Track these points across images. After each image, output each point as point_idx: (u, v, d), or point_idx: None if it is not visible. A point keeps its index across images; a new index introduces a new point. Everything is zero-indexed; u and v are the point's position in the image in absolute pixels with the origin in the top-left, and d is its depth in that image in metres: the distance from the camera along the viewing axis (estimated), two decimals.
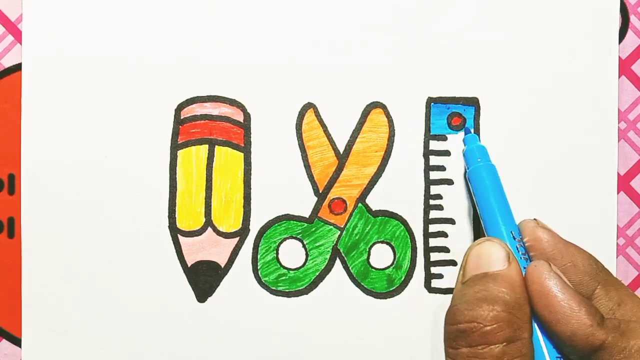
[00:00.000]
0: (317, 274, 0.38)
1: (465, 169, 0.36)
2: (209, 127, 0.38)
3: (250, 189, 0.38)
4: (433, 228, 0.38)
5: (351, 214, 0.38)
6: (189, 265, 0.37)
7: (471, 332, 0.29)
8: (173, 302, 0.37)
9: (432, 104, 0.38)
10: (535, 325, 0.30)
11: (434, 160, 0.38)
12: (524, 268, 0.31)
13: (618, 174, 0.38)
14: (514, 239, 0.33)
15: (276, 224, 0.38)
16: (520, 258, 0.32)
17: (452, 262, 0.38)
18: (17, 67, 0.38)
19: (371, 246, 0.38)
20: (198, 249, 0.38)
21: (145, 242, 0.37)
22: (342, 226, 0.38)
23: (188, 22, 0.37)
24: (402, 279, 0.38)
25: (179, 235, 0.37)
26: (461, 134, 0.38)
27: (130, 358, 0.37)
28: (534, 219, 0.34)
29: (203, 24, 0.37)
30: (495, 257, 0.31)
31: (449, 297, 0.37)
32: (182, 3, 0.37)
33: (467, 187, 0.37)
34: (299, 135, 0.38)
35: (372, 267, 0.38)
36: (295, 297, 0.38)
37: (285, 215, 0.38)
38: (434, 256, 0.38)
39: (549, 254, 0.32)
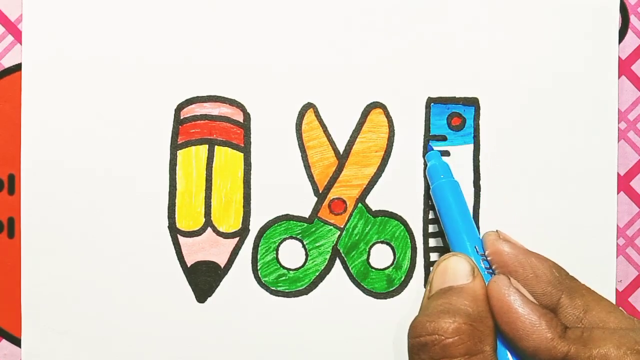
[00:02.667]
0: (317, 274, 0.38)
1: (429, 187, 0.36)
2: (208, 127, 0.38)
3: (250, 189, 0.38)
4: (433, 228, 0.38)
5: (351, 214, 0.38)
6: (189, 265, 0.37)
7: (432, 344, 0.29)
8: (173, 302, 0.37)
9: (432, 104, 0.38)
10: (500, 341, 0.30)
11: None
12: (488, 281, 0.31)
13: (618, 174, 0.38)
14: (478, 253, 0.33)
15: (276, 224, 0.38)
16: (485, 272, 0.32)
17: None
18: (17, 67, 0.38)
19: (371, 246, 0.38)
20: (198, 249, 0.38)
21: (145, 242, 0.37)
22: (342, 226, 0.38)
23: (188, 22, 0.37)
24: (402, 279, 0.38)
25: (178, 236, 0.37)
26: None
27: (130, 358, 0.37)
28: (496, 231, 0.34)
29: (203, 24, 0.37)
30: (460, 272, 0.31)
31: None
32: (182, 3, 0.37)
33: (431, 204, 0.37)
34: (298, 135, 0.38)
35: (372, 267, 0.38)
36: (295, 298, 0.38)
37: (285, 215, 0.38)
38: (434, 256, 0.38)
39: (510, 267, 0.32)
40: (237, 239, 0.38)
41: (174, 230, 0.38)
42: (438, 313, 0.29)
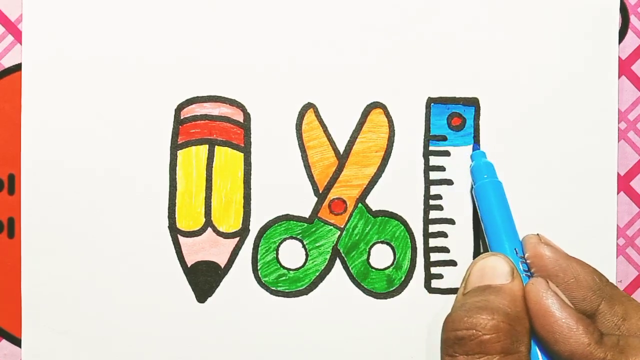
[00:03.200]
0: (317, 274, 0.38)
1: (472, 185, 0.36)
2: (208, 127, 0.38)
3: (250, 189, 0.38)
4: (433, 228, 0.38)
5: (351, 214, 0.38)
6: (189, 265, 0.37)
7: (469, 339, 0.29)
8: (173, 302, 0.37)
9: (432, 104, 0.38)
10: (535, 344, 0.30)
11: (434, 161, 0.38)
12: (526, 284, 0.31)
13: (618, 174, 0.38)
14: (517, 255, 0.33)
15: (276, 224, 0.38)
16: (524, 275, 0.32)
17: (452, 263, 0.38)
18: (17, 67, 0.38)
19: (371, 246, 0.38)
20: (198, 249, 0.38)
21: (145, 243, 0.37)
22: (342, 226, 0.38)
23: (188, 22, 0.37)
24: (402, 279, 0.38)
25: (178, 236, 0.37)
26: (467, 146, 0.38)
27: (130, 358, 0.37)
28: (537, 235, 0.34)
29: (203, 24, 0.37)
30: (500, 271, 0.31)
31: (449, 297, 0.37)
32: (182, 3, 0.37)
33: (473, 202, 0.37)
34: (299, 135, 0.38)
35: (372, 268, 0.38)
36: (295, 298, 0.38)
37: (285, 215, 0.38)
38: (434, 256, 0.38)
39: (550, 271, 0.32)
40: (237, 239, 0.38)
41: (174, 230, 0.38)
42: (476, 309, 0.29)
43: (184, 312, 0.37)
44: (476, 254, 0.37)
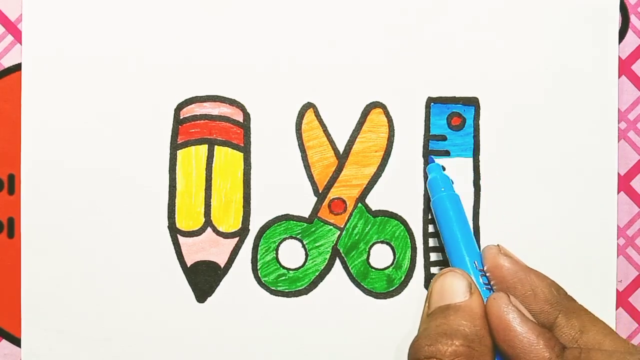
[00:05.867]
0: (317, 274, 0.38)
1: (430, 199, 0.36)
2: (208, 127, 0.38)
3: (250, 189, 0.38)
4: (433, 228, 0.38)
5: (351, 214, 0.38)
6: (189, 265, 0.37)
7: None
8: (173, 302, 0.37)
9: (432, 104, 0.38)
10: (498, 359, 0.30)
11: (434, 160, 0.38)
12: (487, 298, 0.31)
13: (618, 174, 0.38)
14: (477, 268, 0.33)
15: (276, 224, 0.38)
16: (484, 288, 0.32)
17: None
18: (17, 67, 0.38)
19: (371, 246, 0.38)
20: (198, 249, 0.38)
21: (144, 242, 0.37)
22: (342, 226, 0.38)
23: (188, 22, 0.37)
24: (402, 279, 0.38)
25: (178, 236, 0.37)
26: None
27: (130, 358, 0.37)
28: (497, 245, 0.34)
29: (203, 24, 0.38)
30: (457, 289, 0.31)
31: None
32: (181, 3, 0.37)
33: (431, 217, 0.37)
34: (298, 135, 0.38)
35: (372, 267, 0.38)
36: (295, 297, 0.38)
37: (285, 215, 0.38)
38: (434, 256, 0.38)
39: (509, 282, 0.32)
40: (237, 238, 0.38)
41: (174, 230, 0.38)
42: (436, 335, 0.29)
43: (183, 312, 0.37)
44: None
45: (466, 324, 0.30)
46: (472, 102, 0.38)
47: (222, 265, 0.38)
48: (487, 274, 0.33)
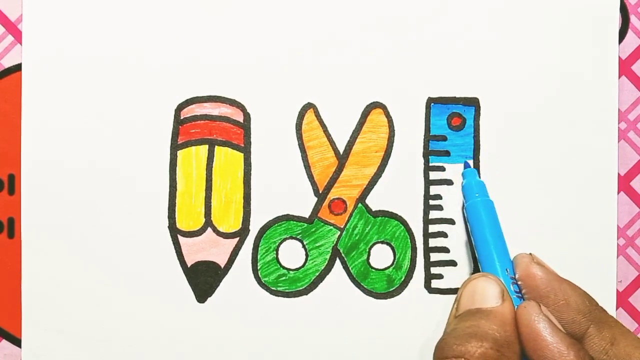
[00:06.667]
0: (317, 274, 0.38)
1: (463, 203, 0.36)
2: (208, 127, 0.38)
3: (250, 189, 0.38)
4: (433, 228, 0.38)
5: (351, 214, 0.38)
6: (189, 265, 0.37)
7: None
8: (173, 302, 0.37)
9: (432, 104, 0.38)
10: None
11: (434, 161, 0.38)
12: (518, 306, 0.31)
13: (618, 174, 0.38)
14: (508, 275, 0.33)
15: (276, 224, 0.38)
16: (514, 296, 0.32)
17: (452, 263, 0.38)
18: (17, 67, 0.38)
19: (371, 246, 0.38)
20: (198, 250, 0.38)
21: (145, 243, 0.37)
22: (342, 226, 0.38)
23: (188, 23, 0.37)
24: (402, 279, 0.38)
25: (178, 236, 0.37)
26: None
27: (130, 358, 0.37)
28: (529, 254, 0.33)
29: (203, 24, 0.37)
30: (490, 294, 0.31)
31: (449, 297, 0.37)
32: (182, 3, 0.37)
33: (464, 221, 0.37)
34: (299, 135, 0.38)
35: (372, 268, 0.38)
36: (295, 298, 0.38)
37: (285, 215, 0.38)
38: (434, 256, 0.38)
39: (541, 291, 0.32)
40: (237, 239, 0.38)
41: (174, 230, 0.38)
42: (466, 336, 0.29)
43: (183, 312, 0.37)
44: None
45: (497, 329, 0.29)
46: (472, 103, 0.38)
47: (222, 266, 0.38)
48: (519, 282, 0.32)
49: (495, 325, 0.30)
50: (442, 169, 0.38)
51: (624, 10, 0.38)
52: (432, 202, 0.38)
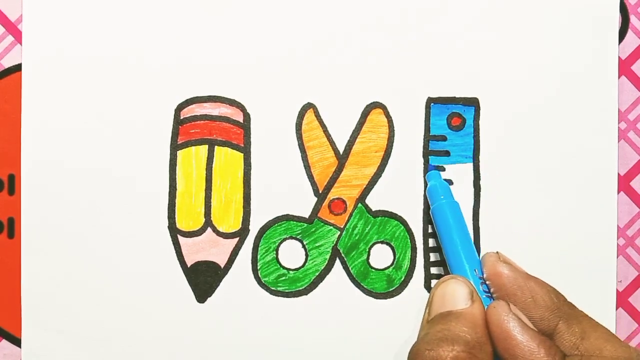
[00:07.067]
0: (317, 274, 0.38)
1: (429, 206, 0.36)
2: (208, 128, 0.38)
3: (250, 189, 0.38)
4: (433, 228, 0.38)
5: (351, 214, 0.38)
6: (189, 265, 0.37)
7: None
8: (173, 302, 0.37)
9: (432, 104, 0.38)
10: None
11: (434, 161, 0.38)
12: (488, 306, 0.31)
13: (618, 174, 0.38)
14: (477, 276, 0.33)
15: (276, 224, 0.38)
16: (484, 296, 0.32)
17: None
18: (17, 68, 0.38)
19: (371, 246, 0.38)
20: (198, 250, 0.38)
21: (144, 243, 0.37)
22: (342, 226, 0.38)
23: (188, 23, 0.37)
24: (402, 279, 0.38)
25: (178, 236, 0.37)
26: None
27: (130, 358, 0.37)
28: (496, 253, 0.34)
29: (203, 24, 0.37)
30: (459, 295, 0.31)
31: None
32: (181, 3, 0.37)
33: (432, 223, 0.37)
34: (298, 135, 0.38)
35: (372, 268, 0.38)
36: (295, 298, 0.38)
37: (285, 215, 0.38)
38: (434, 256, 0.38)
39: (509, 290, 0.32)
40: (237, 239, 0.38)
41: (174, 230, 0.38)
42: (437, 340, 0.29)
43: (183, 312, 0.37)
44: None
45: (467, 331, 0.30)
46: (472, 103, 0.38)
47: (222, 266, 0.38)
48: (487, 282, 0.33)
49: (466, 327, 0.30)
50: (442, 169, 0.38)
51: (624, 10, 0.38)
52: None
